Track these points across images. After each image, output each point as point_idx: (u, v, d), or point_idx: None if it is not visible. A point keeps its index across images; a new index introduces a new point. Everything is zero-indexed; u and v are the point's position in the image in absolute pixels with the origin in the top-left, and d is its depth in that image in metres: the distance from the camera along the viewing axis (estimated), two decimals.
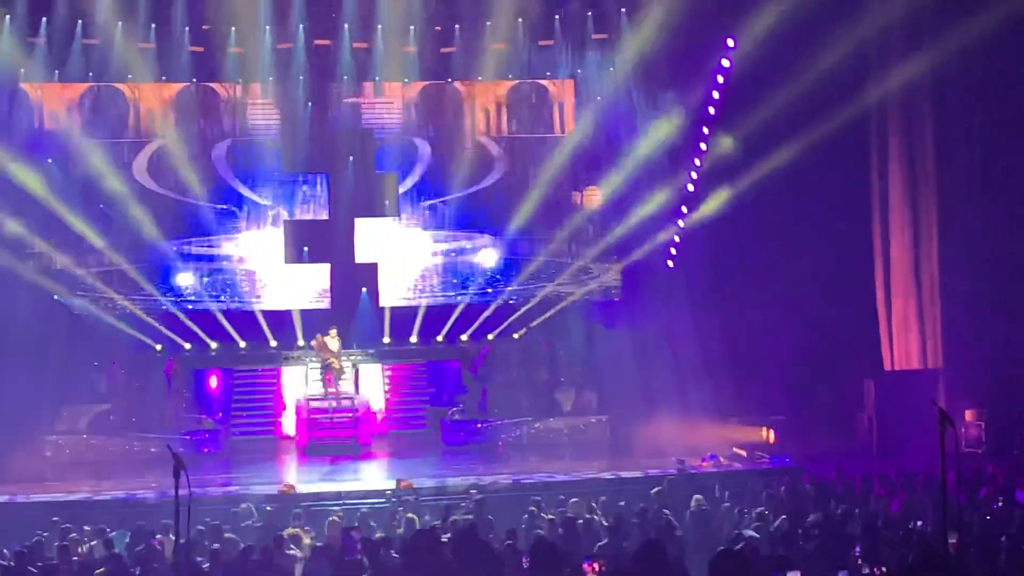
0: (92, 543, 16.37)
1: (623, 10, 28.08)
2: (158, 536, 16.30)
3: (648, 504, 17.37)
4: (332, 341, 28.07)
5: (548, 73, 30.03)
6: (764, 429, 25.12)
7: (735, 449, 24.23)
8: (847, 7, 24.65)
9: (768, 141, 25.86)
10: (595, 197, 30.46)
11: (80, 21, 27.31)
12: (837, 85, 24.55)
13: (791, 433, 24.63)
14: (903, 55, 25.07)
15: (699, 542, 15.55)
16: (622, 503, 17.60)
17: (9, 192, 27.03)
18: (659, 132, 28.30)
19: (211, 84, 30.00)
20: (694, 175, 28.77)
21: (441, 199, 30.80)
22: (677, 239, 28.98)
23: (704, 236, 28.01)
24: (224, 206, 30.18)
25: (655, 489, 18.14)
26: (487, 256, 30.87)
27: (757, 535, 14.43)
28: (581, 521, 16.11)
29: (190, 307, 29.76)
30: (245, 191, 30.43)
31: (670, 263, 29.03)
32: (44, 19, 27.01)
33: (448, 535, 14.22)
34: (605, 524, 15.98)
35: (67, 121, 29.01)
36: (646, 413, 25.82)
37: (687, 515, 16.80)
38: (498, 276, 30.75)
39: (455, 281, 31.03)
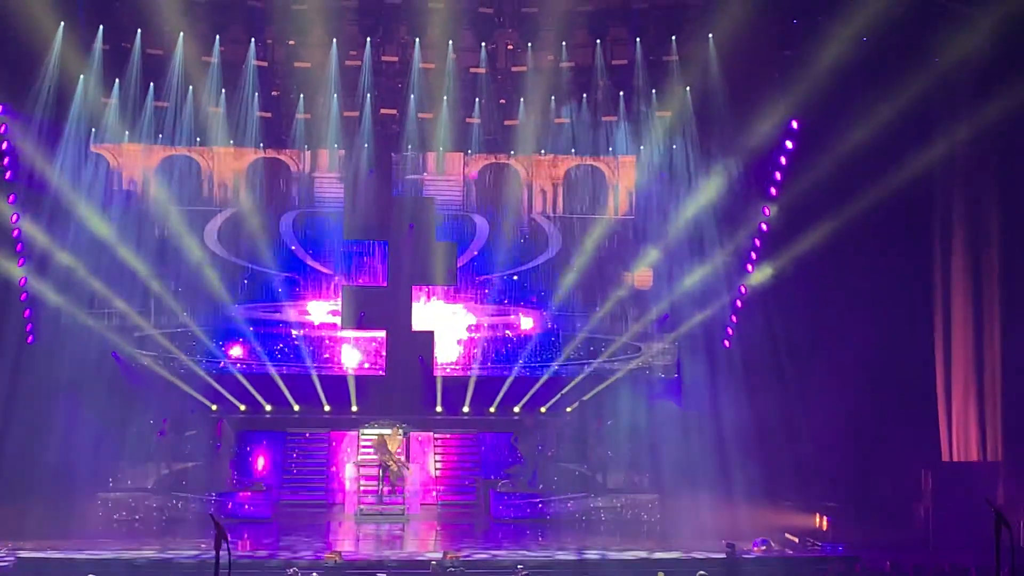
0: None
1: (687, 88, 28.15)
2: None
3: None
4: (393, 441, 28.08)
5: (610, 148, 30.13)
6: (817, 515, 24.74)
7: (787, 535, 23.90)
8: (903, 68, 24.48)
9: (820, 213, 25.73)
10: (646, 275, 30.45)
11: (152, 84, 27.79)
12: (894, 150, 24.42)
13: (845, 520, 24.16)
14: (962, 117, 24.78)
15: None
16: None
17: (86, 248, 27.48)
18: (709, 194, 28.30)
19: (280, 156, 30.51)
20: (749, 248, 28.57)
21: (496, 274, 30.92)
22: (734, 319, 28.76)
23: (759, 313, 27.80)
24: (288, 273, 30.50)
25: (699, 573, 17.86)
26: (544, 326, 30.84)
27: None
28: None
29: (246, 370, 29.94)
30: (308, 260, 30.75)
31: (726, 343, 28.78)
32: (116, 80, 27.50)
33: None
34: None
35: (144, 185, 29.58)
36: (697, 493, 25.52)
37: None
38: (548, 350, 30.70)
39: (504, 354, 31.00)
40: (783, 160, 27.34)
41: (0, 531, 22.72)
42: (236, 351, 30.09)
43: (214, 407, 29.09)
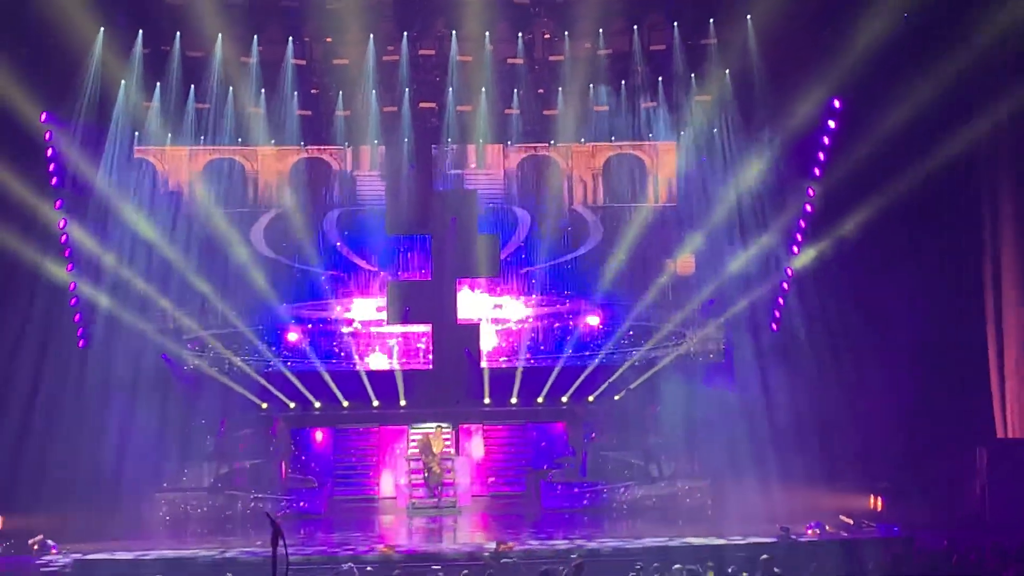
0: None
1: (727, 71, 28.01)
2: None
3: (752, 572, 17.07)
4: (437, 442, 28.12)
5: (651, 135, 30.00)
6: (871, 496, 24.59)
7: (841, 517, 23.76)
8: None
9: (866, 192, 25.53)
10: (688, 262, 30.36)
11: (192, 86, 27.95)
12: (938, 127, 24.20)
13: (900, 501, 23.98)
14: (1005, 93, 24.48)
15: None
16: (726, 569, 17.33)
17: (134, 252, 27.71)
18: (752, 176, 28.16)
19: (323, 156, 30.66)
20: (794, 229, 28.37)
21: (539, 265, 30.93)
22: (781, 301, 28.60)
23: (807, 295, 27.63)
24: (333, 271, 30.65)
25: (763, 556, 17.73)
26: (590, 318, 30.81)
27: None
28: None
29: (296, 367, 30.10)
30: (353, 257, 30.89)
31: (774, 326, 28.62)
32: (157, 84, 27.68)
33: None
34: None
35: (190, 189, 29.83)
36: (748, 478, 25.41)
37: None
38: (594, 339, 30.66)
39: (551, 344, 30.99)
40: (826, 140, 27.12)
41: (57, 533, 22.95)
42: (293, 336, 30.21)
43: (264, 405, 29.26)
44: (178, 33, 27.22)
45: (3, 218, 23.90)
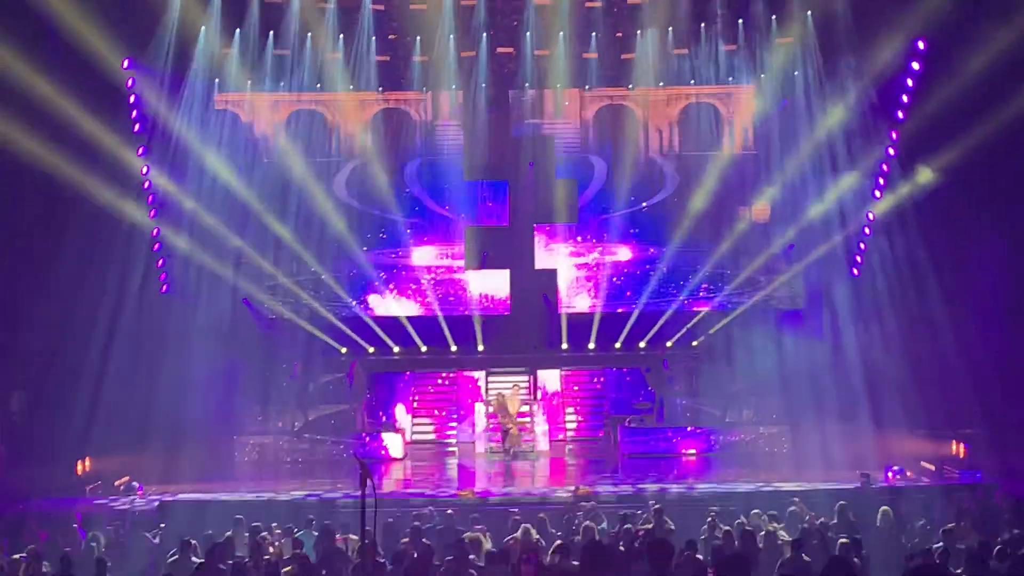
0: (281, 542, 16.79)
1: (808, 13, 27.54)
2: (340, 536, 16.61)
3: (832, 518, 16.99)
4: (512, 402, 28.12)
5: (730, 79, 29.64)
6: (954, 443, 24.28)
7: (923, 463, 23.53)
8: None
9: (950, 136, 24.97)
10: (764, 209, 30.07)
11: (271, 32, 28.06)
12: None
13: (983, 448, 23.64)
14: None
15: (886, 558, 15.13)
16: (804, 516, 17.26)
17: (216, 199, 28.02)
18: (834, 120, 27.74)
19: (403, 105, 30.71)
20: (877, 173, 27.92)
21: (616, 212, 30.81)
22: (862, 247, 28.23)
23: (890, 240, 27.22)
24: (413, 219, 30.81)
25: (839, 503, 17.65)
26: (665, 261, 30.69)
27: (947, 553, 13.99)
28: (762, 533, 15.83)
29: (376, 313, 30.35)
30: (432, 205, 30.99)
31: (855, 271, 28.28)
32: (237, 30, 27.82)
33: (627, 543, 14.15)
34: (787, 538, 15.67)
35: (273, 138, 30.03)
36: (829, 423, 25.20)
37: (873, 530, 16.37)
38: (672, 285, 30.54)
39: (629, 289, 30.93)
40: (910, 82, 26.59)
41: (142, 475, 23.41)
42: (375, 299, 30.45)
43: (343, 350, 29.53)
44: None
45: (88, 165, 24.15)
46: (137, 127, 26.63)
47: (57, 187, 23.31)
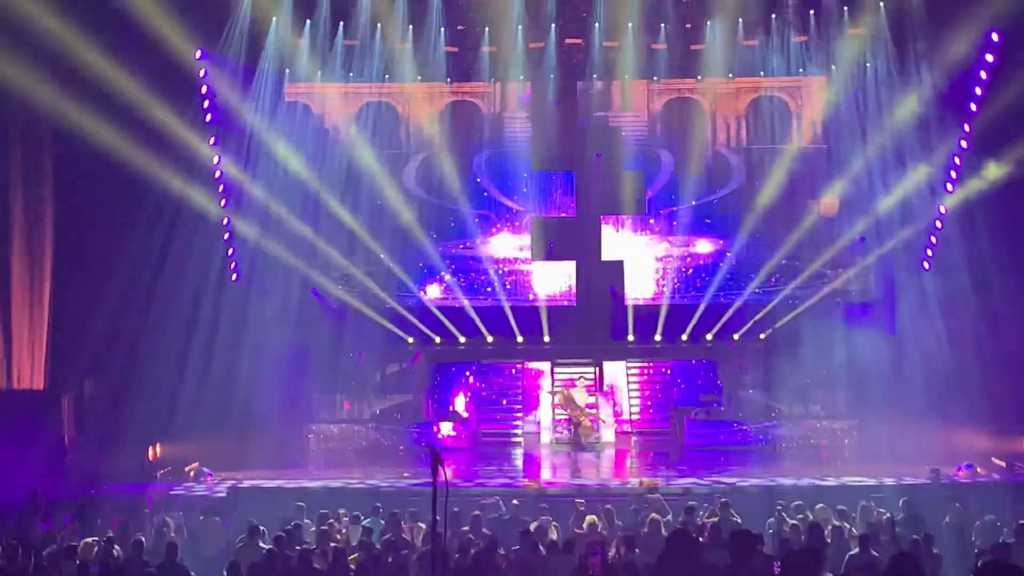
0: (348, 529, 16.94)
1: (881, 3, 27.26)
2: (407, 524, 16.73)
3: (901, 512, 16.85)
4: (579, 394, 28.08)
5: (800, 70, 29.41)
6: None
7: (993, 459, 23.24)
8: None
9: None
10: (832, 203, 29.83)
11: (341, 22, 28.25)
12: None
13: None
14: None
15: (955, 555, 15.00)
16: (873, 511, 17.13)
17: (286, 189, 28.27)
18: (905, 112, 27.43)
19: (472, 99, 30.84)
20: (949, 166, 27.55)
21: (683, 205, 30.74)
22: (934, 240, 27.90)
23: (962, 233, 26.88)
24: (480, 210, 30.97)
25: (904, 499, 17.50)
26: (732, 254, 30.58)
27: (1018, 549, 13.85)
28: (829, 528, 15.73)
29: (441, 302, 30.50)
30: (500, 197, 31.09)
31: (926, 265, 27.96)
32: (307, 21, 28.04)
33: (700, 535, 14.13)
34: (855, 532, 15.57)
35: (344, 130, 30.21)
36: (898, 418, 24.97)
37: (943, 526, 16.23)
38: (739, 278, 30.40)
39: (696, 282, 30.84)
40: (983, 75, 26.22)
41: (212, 461, 23.71)
42: (433, 290, 30.61)
43: (410, 340, 29.70)
44: None
45: (161, 155, 24.47)
46: (209, 117, 26.91)
47: (131, 176, 23.62)
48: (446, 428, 28.25)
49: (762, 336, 29.62)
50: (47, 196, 24.12)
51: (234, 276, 27.91)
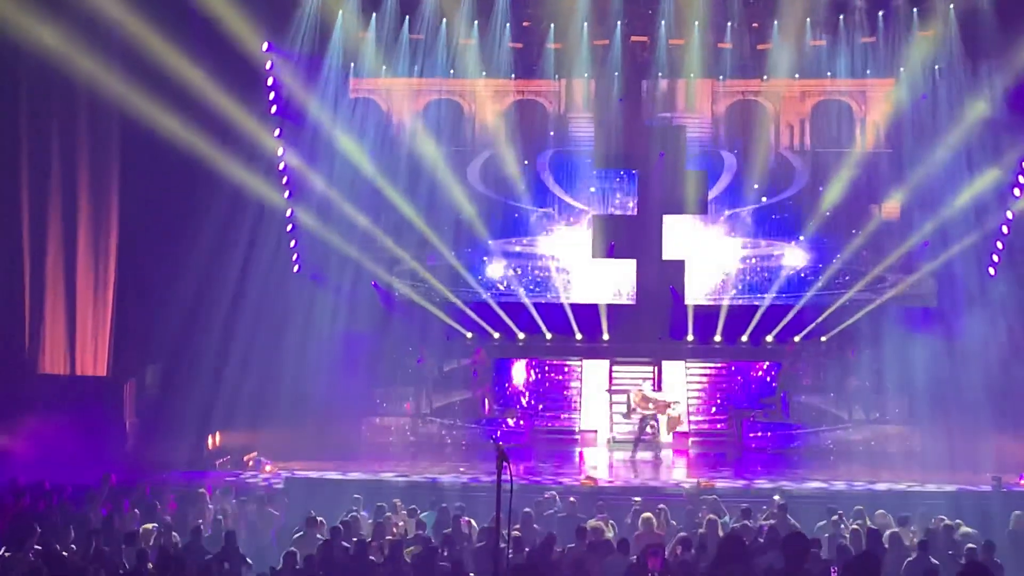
0: (405, 522, 17.01)
1: (951, 5, 26.94)
2: (464, 518, 16.78)
3: (961, 520, 16.67)
4: (648, 392, 27.74)
5: (868, 72, 29.12)
6: None
7: None
8: None
9: None
10: (894, 207, 29.51)
11: (407, 16, 28.35)
12: None
13: None
14: None
15: (1017, 563, 14.82)
16: (932, 517, 16.95)
17: (350, 183, 28.41)
18: (974, 116, 27.09)
19: (537, 98, 30.85)
20: (1018, 171, 27.16)
21: (745, 207, 30.58)
22: (1000, 246, 27.54)
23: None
24: (543, 209, 30.99)
25: (963, 506, 17.30)
26: (793, 257, 30.38)
27: None
28: (888, 533, 15.61)
29: (501, 299, 30.53)
30: (563, 195, 31.09)
31: (992, 271, 27.61)
32: (373, 14, 28.18)
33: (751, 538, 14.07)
34: (914, 539, 15.43)
35: (411, 126, 30.33)
36: (958, 425, 24.68)
37: (1005, 534, 16.04)
38: (801, 280, 30.20)
39: (756, 283, 30.68)
40: None
41: (271, 451, 23.89)
42: (495, 270, 30.66)
43: (469, 335, 29.76)
44: None
45: (227, 147, 24.69)
46: (274, 109, 27.11)
47: (196, 166, 23.87)
48: (518, 427, 28.29)
49: (823, 339, 29.36)
50: (113, 185, 24.44)
51: (297, 267, 28.11)
